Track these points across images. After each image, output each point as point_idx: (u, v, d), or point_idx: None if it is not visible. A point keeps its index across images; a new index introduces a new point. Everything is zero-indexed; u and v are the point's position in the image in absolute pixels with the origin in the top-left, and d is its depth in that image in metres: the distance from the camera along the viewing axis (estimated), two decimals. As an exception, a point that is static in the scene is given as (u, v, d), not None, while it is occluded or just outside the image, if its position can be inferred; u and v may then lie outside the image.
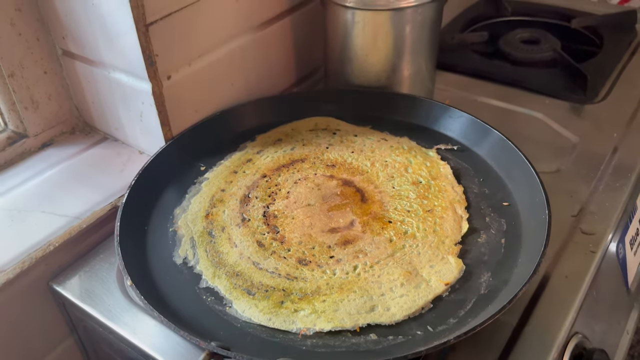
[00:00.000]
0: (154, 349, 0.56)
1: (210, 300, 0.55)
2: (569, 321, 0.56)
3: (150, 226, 0.63)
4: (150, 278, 0.57)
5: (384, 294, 0.54)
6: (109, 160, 0.76)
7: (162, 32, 0.65)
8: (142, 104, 0.70)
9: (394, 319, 0.52)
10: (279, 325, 0.52)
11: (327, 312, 0.52)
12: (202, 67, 0.73)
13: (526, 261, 0.55)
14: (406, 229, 0.61)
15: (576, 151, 0.77)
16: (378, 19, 0.74)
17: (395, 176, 0.68)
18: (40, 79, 0.75)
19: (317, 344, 0.50)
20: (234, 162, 0.72)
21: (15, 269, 0.61)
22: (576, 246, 0.63)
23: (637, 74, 0.93)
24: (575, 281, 0.59)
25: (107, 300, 0.61)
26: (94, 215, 0.67)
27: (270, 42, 0.82)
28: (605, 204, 0.68)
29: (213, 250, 0.60)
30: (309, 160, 0.72)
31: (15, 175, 0.74)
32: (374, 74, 0.80)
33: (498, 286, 0.54)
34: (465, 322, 0.51)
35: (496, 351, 0.53)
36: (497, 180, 0.67)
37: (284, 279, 0.56)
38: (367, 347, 0.50)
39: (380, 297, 0.54)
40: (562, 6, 1.11)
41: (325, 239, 0.60)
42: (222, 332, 0.52)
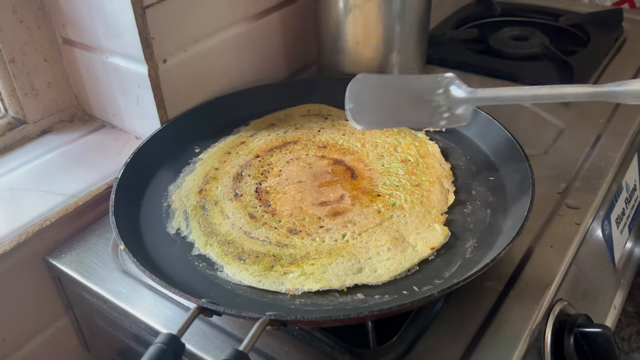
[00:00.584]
0: (146, 315, 0.57)
1: (202, 265, 0.57)
2: (554, 287, 0.57)
3: (144, 201, 0.65)
4: (143, 246, 0.58)
5: (371, 258, 0.55)
6: (106, 145, 0.78)
7: (158, 15, 0.68)
8: (138, 87, 0.72)
9: (381, 279, 0.53)
10: (268, 286, 0.53)
11: (316, 273, 0.54)
12: (197, 53, 0.75)
13: (510, 228, 0.56)
14: (394, 201, 0.62)
15: (563, 136, 0.78)
16: (369, 7, 0.77)
17: (384, 155, 0.69)
18: (40, 66, 0.77)
19: (306, 303, 0.51)
20: (227, 144, 0.74)
21: (12, 242, 0.62)
22: (561, 219, 0.64)
23: (624, 68, 0.95)
24: (560, 250, 0.60)
25: (101, 271, 0.62)
26: (90, 194, 0.69)
27: (264, 33, 0.85)
28: (590, 181, 0.69)
29: (206, 221, 0.62)
30: (301, 142, 0.73)
31: (14, 159, 0.76)
32: (365, 62, 0.82)
33: (483, 251, 0.55)
34: (450, 282, 0.52)
35: (482, 315, 0.54)
36: (484, 157, 0.69)
37: (275, 246, 0.58)
38: (354, 305, 0.51)
39: (367, 260, 0.55)
40: (551, 6, 1.14)
41: (315, 211, 0.62)
42: (213, 293, 0.53)
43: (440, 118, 0.61)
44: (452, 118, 0.61)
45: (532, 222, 0.62)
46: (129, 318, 0.58)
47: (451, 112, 0.61)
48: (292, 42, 0.91)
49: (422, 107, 0.62)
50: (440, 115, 0.61)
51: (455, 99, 0.61)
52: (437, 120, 0.61)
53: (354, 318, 0.46)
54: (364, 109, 0.63)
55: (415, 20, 0.80)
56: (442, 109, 0.61)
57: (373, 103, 0.64)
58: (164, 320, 0.56)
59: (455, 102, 0.61)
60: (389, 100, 0.64)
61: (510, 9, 1.14)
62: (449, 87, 0.62)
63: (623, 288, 0.74)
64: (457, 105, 0.61)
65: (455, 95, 0.61)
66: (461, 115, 0.61)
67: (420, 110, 0.62)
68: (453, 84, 0.62)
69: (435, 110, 0.61)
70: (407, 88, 0.64)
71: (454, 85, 0.62)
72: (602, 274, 0.70)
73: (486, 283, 0.57)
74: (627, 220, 0.78)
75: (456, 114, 0.61)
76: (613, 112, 0.83)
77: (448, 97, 0.61)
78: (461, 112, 0.61)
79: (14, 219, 0.65)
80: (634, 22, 1.08)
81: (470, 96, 0.61)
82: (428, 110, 0.61)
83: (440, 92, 0.62)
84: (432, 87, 0.63)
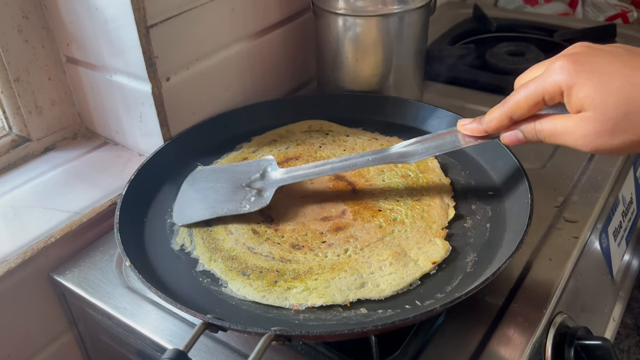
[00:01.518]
0: (151, 331, 0.57)
1: (207, 281, 0.57)
2: (554, 300, 0.57)
3: (148, 218, 0.66)
4: (148, 262, 0.59)
5: (373, 273, 0.56)
6: (110, 162, 0.79)
7: (162, 35, 0.69)
8: (142, 105, 0.73)
9: (383, 294, 0.54)
10: (272, 301, 0.54)
11: (319, 288, 0.54)
12: (200, 71, 0.76)
13: (510, 242, 0.57)
14: (395, 216, 0.63)
15: (559, 150, 0.80)
16: (367, 25, 0.78)
17: (385, 170, 0.70)
18: (44, 84, 0.78)
19: (309, 318, 0.52)
20: (230, 160, 0.75)
21: (17, 259, 0.63)
22: (560, 233, 0.65)
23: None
24: (558, 263, 0.61)
25: (106, 288, 0.63)
26: (94, 211, 0.69)
27: (265, 51, 0.86)
28: (587, 195, 0.70)
29: (209, 237, 0.62)
30: (302, 158, 0.74)
31: (18, 176, 0.76)
32: (364, 79, 0.84)
33: (483, 264, 0.56)
34: (452, 296, 0.52)
35: (483, 328, 0.55)
36: (483, 172, 0.70)
37: (278, 261, 0.58)
38: (357, 320, 0.52)
39: (370, 275, 0.56)
40: (545, 22, 1.16)
41: (317, 226, 0.62)
42: (218, 309, 0.54)
43: (247, 203, 0.63)
44: (256, 202, 0.63)
45: (530, 235, 0.63)
46: (134, 334, 0.59)
47: (259, 195, 0.64)
48: (292, 59, 0.92)
49: (236, 194, 0.64)
50: (247, 200, 0.63)
51: (269, 181, 0.65)
52: (242, 206, 0.63)
53: (357, 332, 0.47)
54: (187, 204, 0.66)
55: (413, 38, 0.81)
56: (251, 193, 0.64)
57: (197, 198, 0.66)
58: (169, 336, 0.57)
59: (267, 184, 0.64)
60: (211, 192, 0.66)
61: (506, 24, 1.16)
62: (267, 169, 0.66)
63: (621, 300, 0.74)
64: (267, 187, 0.64)
65: (271, 176, 0.65)
66: (265, 197, 0.63)
67: (233, 197, 0.64)
68: (270, 166, 0.66)
69: (245, 195, 0.64)
70: (229, 177, 0.67)
71: (270, 167, 0.66)
72: (600, 286, 0.71)
73: (487, 297, 0.58)
74: (624, 233, 0.79)
75: (262, 197, 0.63)
76: (609, 126, 0.84)
77: (264, 179, 0.65)
78: (266, 195, 0.63)
79: (19, 236, 0.66)
80: (627, 37, 1.10)
81: (284, 176, 0.64)
82: (240, 196, 0.64)
83: (256, 176, 0.66)
84: (251, 172, 0.66)
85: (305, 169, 0.64)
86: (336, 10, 0.78)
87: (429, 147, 0.61)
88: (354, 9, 0.77)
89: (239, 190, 0.65)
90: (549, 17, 1.23)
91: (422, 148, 0.61)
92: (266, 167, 0.66)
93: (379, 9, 0.77)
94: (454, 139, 0.59)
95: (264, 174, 0.65)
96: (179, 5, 0.70)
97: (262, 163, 0.67)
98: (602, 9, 1.46)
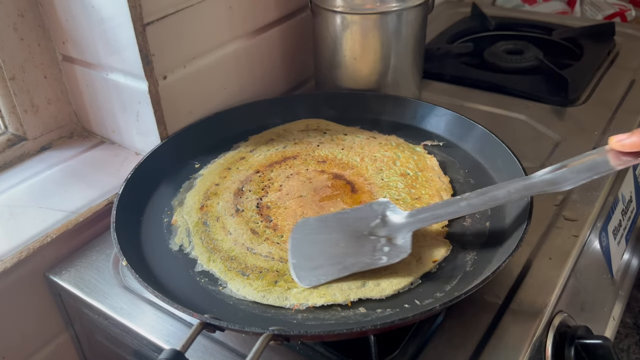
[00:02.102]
0: (148, 331, 0.57)
1: (204, 281, 0.57)
2: (553, 298, 0.57)
3: (145, 217, 0.65)
4: (144, 262, 0.58)
5: (374, 271, 0.55)
6: (106, 161, 0.78)
7: (158, 32, 0.69)
8: (138, 104, 0.73)
9: (384, 293, 0.53)
10: (272, 301, 0.53)
11: (320, 288, 0.54)
12: (197, 69, 0.76)
13: (510, 241, 0.57)
14: (394, 215, 0.63)
15: (559, 148, 0.79)
16: (366, 23, 0.78)
17: (384, 169, 0.70)
18: (40, 83, 0.78)
19: (308, 318, 0.52)
20: (227, 159, 0.74)
21: (13, 259, 0.62)
22: (559, 231, 0.65)
23: (617, 80, 0.97)
24: (558, 262, 0.61)
25: (102, 288, 0.62)
26: (90, 210, 0.69)
27: (263, 49, 0.86)
28: (587, 194, 0.70)
29: (208, 237, 0.62)
30: (300, 157, 0.74)
31: (13, 175, 0.76)
32: (362, 78, 0.83)
33: (483, 263, 0.56)
34: (452, 295, 0.52)
35: (482, 328, 0.55)
36: (482, 171, 0.69)
37: (278, 261, 0.58)
38: (356, 319, 0.51)
39: (370, 274, 0.55)
40: (544, 20, 1.15)
41: (317, 225, 0.62)
42: (215, 309, 0.53)
43: (382, 254, 0.55)
44: (392, 252, 0.55)
45: (530, 234, 0.63)
46: (130, 334, 0.58)
47: (391, 244, 0.56)
48: (290, 57, 0.91)
49: (363, 245, 0.57)
50: (381, 252, 0.56)
51: (394, 226, 0.57)
52: (378, 258, 0.55)
53: (356, 332, 0.47)
54: (307, 263, 0.57)
55: (412, 36, 0.81)
56: (381, 243, 0.56)
57: (315, 253, 0.57)
58: (166, 336, 0.56)
59: (394, 229, 0.57)
60: (328, 244, 0.58)
61: (504, 23, 1.16)
62: (385, 213, 0.59)
63: (621, 299, 0.74)
64: (397, 234, 0.57)
65: (394, 221, 0.58)
66: (402, 246, 0.56)
67: (361, 249, 0.56)
68: (388, 209, 0.59)
69: (375, 245, 0.56)
70: (344, 225, 0.59)
71: (389, 211, 0.59)
72: (600, 285, 0.71)
73: (486, 296, 0.58)
74: (623, 232, 0.79)
75: (397, 245, 0.56)
76: (608, 124, 0.84)
77: (386, 225, 0.58)
78: (402, 242, 0.56)
79: (15, 236, 0.65)
80: (626, 35, 1.10)
81: (409, 220, 0.57)
82: (369, 247, 0.56)
83: (377, 222, 0.58)
84: (368, 217, 0.59)
85: (435, 209, 0.57)
86: (334, 8, 0.78)
87: (579, 171, 0.53)
88: (352, 7, 0.77)
89: (362, 240, 0.57)
90: (547, 16, 1.23)
91: (572, 174, 0.53)
92: (384, 211, 0.59)
93: (377, 6, 0.76)
94: (605, 160, 0.51)
95: (384, 218, 0.58)
96: (176, 3, 0.70)
97: (376, 207, 0.59)
98: (600, 8, 1.45)
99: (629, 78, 0.97)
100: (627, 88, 0.94)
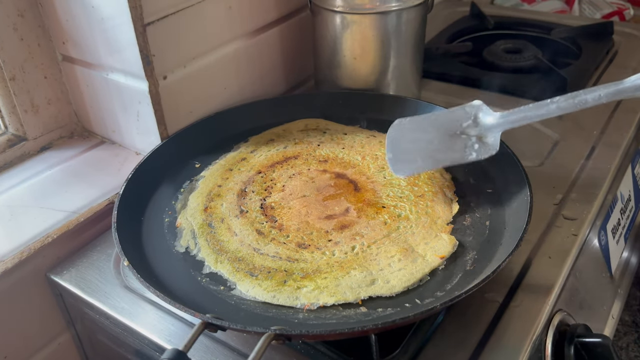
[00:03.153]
0: (149, 330, 0.57)
1: (205, 280, 0.57)
2: (553, 297, 0.57)
3: (146, 217, 0.65)
4: (146, 262, 0.58)
5: (382, 269, 0.56)
6: (107, 161, 0.79)
7: (159, 32, 0.69)
8: (139, 104, 0.73)
9: (394, 290, 0.54)
10: (282, 301, 0.53)
11: (330, 287, 0.54)
12: (197, 69, 0.76)
13: (509, 240, 0.57)
14: (399, 212, 0.63)
15: (557, 147, 0.80)
16: (365, 23, 0.78)
17: (385, 167, 0.70)
18: (40, 83, 0.78)
19: (309, 317, 0.52)
20: (228, 160, 0.74)
21: (14, 259, 0.62)
22: (559, 230, 0.65)
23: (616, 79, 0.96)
24: (558, 261, 0.61)
25: (104, 287, 0.62)
26: (91, 210, 0.69)
27: (263, 49, 0.86)
28: (586, 192, 0.70)
29: (214, 239, 0.62)
30: (301, 157, 0.74)
31: (14, 175, 0.76)
32: (362, 77, 0.83)
33: (483, 262, 0.56)
34: (452, 294, 0.52)
35: (483, 326, 0.55)
36: (481, 170, 0.69)
37: (285, 261, 0.58)
38: (357, 318, 0.51)
39: (379, 271, 0.56)
40: (542, 19, 1.16)
41: (322, 225, 0.62)
42: (217, 308, 0.53)
43: (471, 151, 0.60)
44: (481, 149, 0.60)
45: (529, 233, 0.63)
46: (132, 334, 0.59)
47: (481, 142, 0.61)
48: (289, 57, 0.92)
49: (454, 143, 0.61)
50: (471, 149, 0.61)
51: (485, 127, 0.61)
52: (468, 154, 0.61)
53: (358, 332, 0.47)
54: (402, 156, 0.64)
55: (411, 35, 0.81)
56: (471, 141, 0.61)
57: (410, 148, 0.64)
58: (167, 335, 0.56)
59: (485, 129, 0.61)
60: (423, 142, 0.63)
61: (503, 22, 1.16)
62: (478, 114, 0.62)
63: (620, 297, 0.74)
64: (487, 133, 0.61)
65: (485, 122, 0.61)
66: (491, 144, 0.60)
67: (452, 146, 0.62)
68: (481, 111, 0.62)
69: (465, 143, 0.61)
70: (438, 126, 0.64)
71: (482, 112, 0.62)
72: (599, 283, 0.71)
73: (486, 294, 0.58)
74: (622, 231, 0.79)
75: (486, 144, 0.60)
76: (606, 123, 0.85)
77: (477, 125, 0.61)
78: (491, 141, 0.60)
79: (15, 236, 0.65)
80: (624, 34, 1.10)
81: (500, 121, 0.60)
82: (460, 145, 0.61)
83: (469, 123, 0.62)
84: (461, 119, 0.63)
85: (526, 111, 0.59)
86: (334, 7, 0.78)
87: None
88: (352, 7, 0.77)
89: (454, 138, 0.61)
90: (546, 15, 1.23)
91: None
92: (476, 112, 0.62)
93: (377, 6, 0.76)
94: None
95: (476, 119, 0.61)
96: (176, 3, 0.70)
97: (469, 109, 0.62)
98: (598, 7, 1.46)
99: (627, 77, 0.97)
100: (625, 87, 0.94)
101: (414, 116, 0.67)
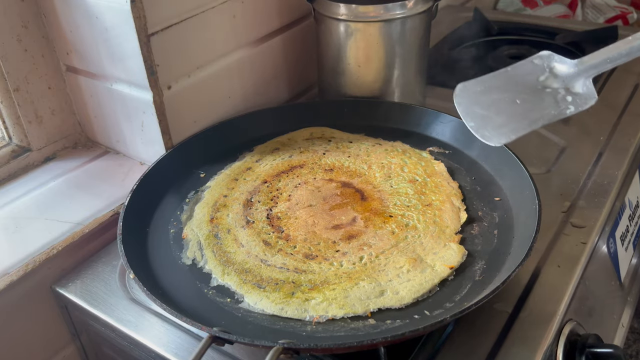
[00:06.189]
0: (156, 343, 0.57)
1: (212, 293, 0.56)
2: (563, 307, 0.57)
3: (152, 228, 0.65)
4: (152, 274, 0.58)
5: (391, 280, 0.55)
6: (111, 172, 0.78)
7: (163, 43, 0.68)
8: (143, 114, 0.72)
9: (403, 301, 0.53)
10: (291, 314, 0.53)
11: (338, 299, 0.54)
12: (201, 78, 0.76)
13: (518, 249, 0.57)
14: (407, 221, 0.63)
15: (564, 154, 0.79)
16: (369, 31, 0.78)
17: (392, 176, 0.70)
18: (44, 94, 0.78)
19: (317, 330, 0.51)
20: (234, 170, 0.74)
21: (19, 271, 0.62)
22: (567, 239, 0.65)
23: (621, 84, 0.96)
24: (567, 270, 0.60)
25: (109, 300, 0.62)
26: (96, 221, 0.69)
27: (266, 58, 0.86)
28: (594, 200, 0.70)
29: (220, 250, 0.61)
30: (307, 166, 0.74)
31: (18, 186, 0.76)
32: (366, 85, 0.83)
33: (492, 273, 0.56)
34: (461, 305, 0.52)
35: (492, 337, 0.54)
36: (488, 178, 0.69)
37: (293, 272, 0.57)
38: (366, 331, 0.51)
39: (388, 282, 0.55)
40: (546, 24, 1.15)
41: (329, 235, 0.62)
42: (224, 321, 0.53)
43: (567, 104, 0.55)
44: (577, 100, 0.55)
45: (538, 242, 0.62)
46: (138, 347, 0.58)
47: (572, 93, 0.55)
48: (293, 66, 0.91)
49: (542, 99, 0.55)
50: (565, 102, 0.55)
51: (567, 77, 0.56)
52: (565, 108, 0.54)
53: (367, 345, 0.46)
54: (487, 123, 0.58)
55: (415, 43, 0.81)
56: (561, 94, 0.56)
57: (492, 113, 0.58)
58: (174, 348, 0.56)
59: (568, 80, 0.56)
60: (504, 103, 0.57)
61: (507, 27, 1.16)
62: (551, 65, 0.57)
63: (630, 305, 0.74)
64: (574, 83, 0.55)
65: (565, 72, 0.56)
66: (585, 93, 0.55)
67: (541, 103, 0.56)
68: (553, 60, 0.57)
69: (555, 97, 0.55)
70: (513, 84, 0.58)
71: (555, 62, 0.57)
72: (609, 292, 0.70)
73: (496, 305, 0.57)
74: (631, 237, 0.78)
75: (579, 94, 0.55)
76: (613, 129, 0.84)
77: (557, 76, 0.57)
78: (583, 90, 0.54)
79: (20, 248, 0.65)
80: (629, 39, 1.10)
81: (581, 68, 0.56)
82: (550, 100, 0.55)
83: (546, 75, 0.57)
84: (535, 74, 0.58)
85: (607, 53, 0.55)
86: (338, 16, 0.78)
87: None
88: (356, 15, 0.77)
89: (539, 94, 0.56)
90: (550, 20, 1.23)
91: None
92: (549, 63, 0.57)
93: (381, 14, 0.76)
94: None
95: (552, 70, 0.57)
96: (180, 13, 0.69)
97: (538, 62, 0.58)
98: (601, 11, 1.45)
99: (633, 82, 0.97)
100: (631, 92, 0.94)
101: (477, 79, 0.61)
